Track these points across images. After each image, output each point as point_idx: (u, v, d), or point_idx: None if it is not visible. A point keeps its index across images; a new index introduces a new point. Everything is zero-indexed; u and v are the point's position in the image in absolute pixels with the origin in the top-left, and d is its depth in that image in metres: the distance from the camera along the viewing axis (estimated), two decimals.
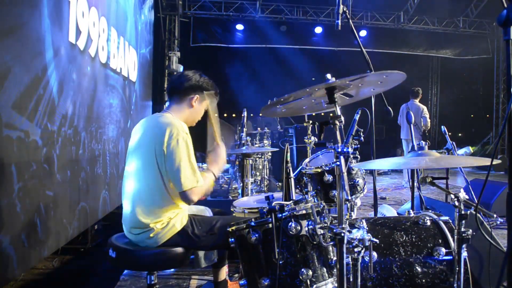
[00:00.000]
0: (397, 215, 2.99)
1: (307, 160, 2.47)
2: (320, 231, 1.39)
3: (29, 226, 2.27)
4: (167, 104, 2.02)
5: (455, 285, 1.50)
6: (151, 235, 1.75)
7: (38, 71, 2.39)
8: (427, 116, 6.45)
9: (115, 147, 4.12)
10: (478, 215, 2.05)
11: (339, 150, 1.29)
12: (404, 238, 1.64)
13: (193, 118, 2.01)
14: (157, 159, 1.73)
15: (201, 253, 2.05)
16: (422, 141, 1.61)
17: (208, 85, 2.00)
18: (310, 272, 1.39)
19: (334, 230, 1.25)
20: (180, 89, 1.96)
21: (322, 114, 2.52)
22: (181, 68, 8.12)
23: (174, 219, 1.80)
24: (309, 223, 1.43)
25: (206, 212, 2.13)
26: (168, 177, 1.74)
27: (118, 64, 4.13)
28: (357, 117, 1.68)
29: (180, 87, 1.97)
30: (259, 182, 5.91)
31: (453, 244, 1.57)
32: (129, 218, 1.80)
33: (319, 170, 2.12)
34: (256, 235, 1.42)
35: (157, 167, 1.74)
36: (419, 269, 1.58)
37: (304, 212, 1.44)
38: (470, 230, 1.47)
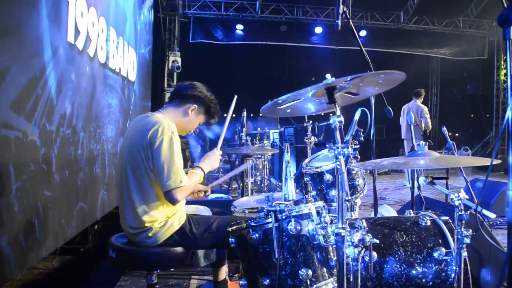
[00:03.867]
0: (397, 215, 2.99)
1: (307, 160, 2.47)
2: (320, 231, 1.39)
3: (27, 226, 2.26)
4: (165, 105, 2.00)
5: (455, 285, 1.50)
6: (150, 234, 1.76)
7: (36, 71, 2.38)
8: (427, 116, 6.45)
9: (114, 147, 4.12)
10: (478, 215, 2.04)
11: (339, 150, 1.29)
12: (404, 238, 1.64)
13: (184, 126, 1.97)
14: (146, 158, 1.73)
15: (200, 252, 2.05)
16: (422, 141, 1.61)
17: (211, 103, 1.99)
18: (310, 272, 1.38)
19: (334, 230, 1.24)
20: (182, 94, 1.96)
21: (322, 114, 2.50)
22: (178, 68, 8.09)
23: (172, 218, 1.80)
24: (309, 223, 1.42)
25: (206, 212, 2.13)
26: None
27: (117, 64, 4.12)
28: (357, 117, 1.67)
29: (183, 91, 1.97)
30: (259, 182, 5.91)
31: (453, 244, 1.56)
32: (127, 218, 1.79)
33: (319, 170, 2.11)
34: (256, 235, 1.42)
35: (147, 167, 1.73)
36: (419, 269, 1.58)
37: (304, 212, 1.43)
38: (470, 230, 1.47)
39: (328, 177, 2.09)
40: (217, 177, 7.34)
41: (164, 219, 1.78)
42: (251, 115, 9.62)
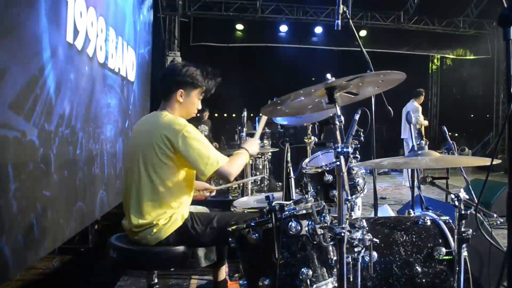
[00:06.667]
0: (397, 215, 2.98)
1: (307, 160, 2.46)
2: (320, 231, 1.39)
3: (25, 226, 2.25)
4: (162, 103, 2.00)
5: (455, 285, 1.49)
6: (155, 230, 1.77)
7: (35, 71, 2.37)
8: (417, 114, 6.40)
9: (113, 147, 4.11)
10: (478, 215, 2.03)
11: (339, 150, 1.28)
12: (404, 238, 1.63)
13: (187, 112, 1.97)
14: (161, 155, 1.75)
15: (201, 253, 2.05)
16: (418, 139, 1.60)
17: (192, 78, 1.91)
18: (310, 272, 1.38)
19: (334, 230, 1.24)
20: (164, 88, 1.95)
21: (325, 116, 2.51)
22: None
23: (176, 214, 1.82)
24: (309, 223, 1.42)
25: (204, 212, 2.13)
26: (185, 168, 1.80)
27: (116, 64, 4.12)
28: (357, 117, 1.67)
29: (162, 84, 1.96)
30: (259, 182, 5.90)
31: (453, 244, 1.56)
32: (133, 215, 1.80)
33: (319, 170, 2.11)
34: (256, 235, 1.42)
35: (161, 164, 1.76)
36: (419, 269, 1.57)
37: (304, 212, 1.43)
38: (470, 230, 1.46)
39: (328, 177, 2.09)
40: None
41: (169, 215, 1.79)
42: (251, 115, 9.61)
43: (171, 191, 1.79)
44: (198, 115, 2.11)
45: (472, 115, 13.27)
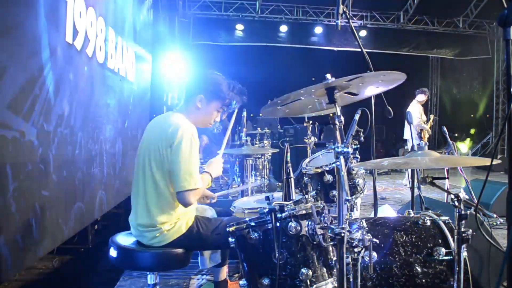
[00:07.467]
0: (397, 215, 2.98)
1: (307, 160, 2.46)
2: (320, 231, 1.38)
3: (24, 227, 2.25)
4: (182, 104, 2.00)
5: (455, 285, 1.49)
6: (157, 234, 1.76)
7: (34, 71, 2.36)
8: (415, 115, 6.31)
9: (112, 147, 4.10)
10: (478, 215, 2.03)
11: (339, 150, 1.28)
12: (404, 238, 1.63)
13: (202, 119, 1.94)
14: (164, 159, 1.74)
15: (207, 254, 2.05)
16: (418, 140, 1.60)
17: (217, 87, 1.90)
18: (310, 272, 1.38)
19: (334, 230, 1.24)
20: (188, 88, 1.96)
21: (322, 114, 2.51)
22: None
23: (181, 220, 1.81)
24: (309, 223, 1.42)
25: (209, 211, 2.12)
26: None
27: (115, 65, 4.11)
28: (357, 117, 1.66)
29: (188, 86, 1.97)
30: (259, 182, 5.89)
31: (453, 244, 1.55)
32: (139, 215, 1.80)
33: (319, 170, 2.11)
34: (256, 235, 1.42)
35: (164, 167, 1.75)
36: (419, 269, 1.57)
37: (304, 212, 1.43)
38: (470, 230, 1.46)
39: (328, 177, 2.08)
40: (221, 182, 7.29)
41: (174, 221, 1.78)
42: (251, 115, 9.61)
43: (174, 196, 1.77)
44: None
45: (472, 115, 13.26)
